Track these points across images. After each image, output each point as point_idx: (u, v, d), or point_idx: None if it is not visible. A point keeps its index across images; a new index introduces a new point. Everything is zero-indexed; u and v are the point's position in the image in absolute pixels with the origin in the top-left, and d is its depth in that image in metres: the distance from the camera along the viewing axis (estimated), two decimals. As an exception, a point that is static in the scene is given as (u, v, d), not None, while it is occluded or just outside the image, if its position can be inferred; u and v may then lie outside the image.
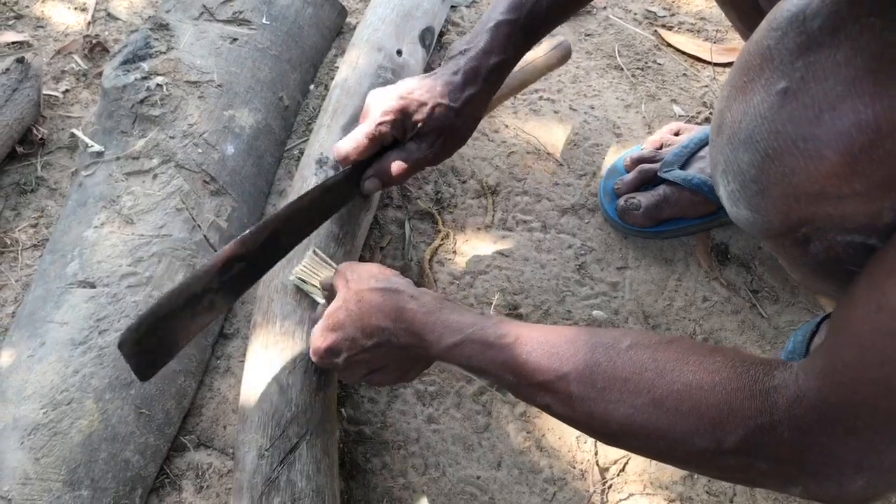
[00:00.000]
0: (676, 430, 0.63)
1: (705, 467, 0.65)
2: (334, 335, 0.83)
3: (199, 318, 0.86)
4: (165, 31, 1.22)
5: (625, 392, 0.65)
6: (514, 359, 0.72)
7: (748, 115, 0.52)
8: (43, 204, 1.20)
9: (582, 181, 1.25)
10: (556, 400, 0.70)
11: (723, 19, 1.49)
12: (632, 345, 0.67)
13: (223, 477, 0.96)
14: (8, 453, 0.87)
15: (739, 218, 0.57)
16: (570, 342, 0.70)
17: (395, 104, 0.95)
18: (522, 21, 0.95)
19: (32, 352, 0.95)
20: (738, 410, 0.60)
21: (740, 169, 0.54)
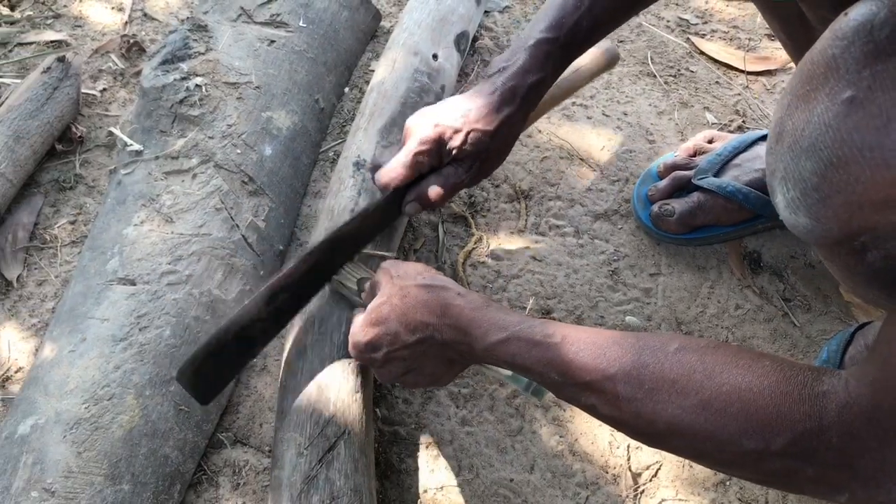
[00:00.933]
0: (724, 432, 0.63)
1: (751, 471, 0.65)
2: (376, 329, 0.84)
3: (251, 347, 0.92)
4: (204, 32, 1.24)
5: (673, 393, 0.66)
6: (560, 358, 0.72)
7: (811, 123, 0.52)
8: (81, 201, 1.22)
9: (615, 187, 1.25)
10: (601, 400, 0.70)
11: (756, 28, 1.49)
12: (679, 348, 0.68)
13: (259, 474, 0.97)
14: (51, 446, 0.88)
15: (797, 225, 0.57)
16: (616, 343, 0.70)
17: (431, 133, 0.96)
18: (563, 40, 0.95)
19: (74, 347, 0.96)
20: (786, 414, 0.61)
21: (801, 176, 0.54)
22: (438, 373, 0.86)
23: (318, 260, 0.94)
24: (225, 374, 0.92)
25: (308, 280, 0.94)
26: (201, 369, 0.87)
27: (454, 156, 0.97)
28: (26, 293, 1.12)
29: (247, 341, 0.90)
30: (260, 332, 0.91)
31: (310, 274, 0.93)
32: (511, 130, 0.99)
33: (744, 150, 1.17)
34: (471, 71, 1.40)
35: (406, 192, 1.00)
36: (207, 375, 0.88)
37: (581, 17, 0.94)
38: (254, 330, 0.90)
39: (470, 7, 1.35)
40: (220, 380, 0.92)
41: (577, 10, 0.94)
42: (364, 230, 1.00)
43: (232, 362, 0.91)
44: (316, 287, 0.96)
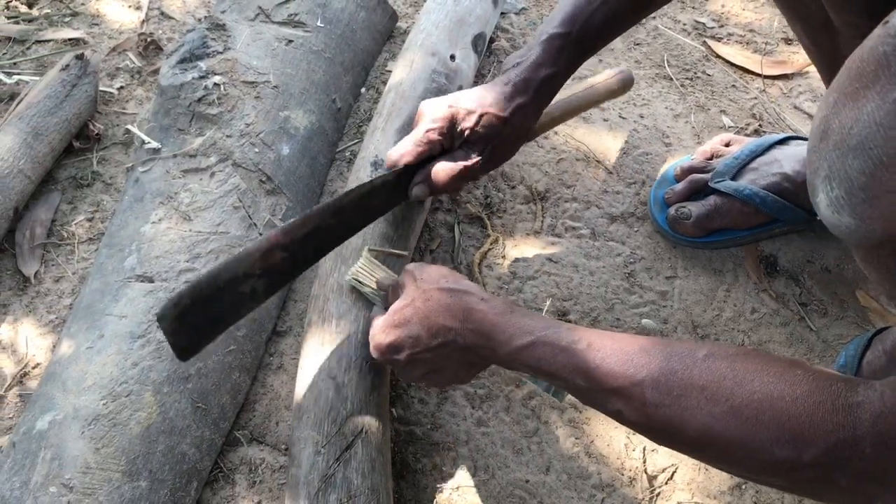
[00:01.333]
0: (756, 440, 0.62)
1: (784, 479, 0.64)
2: (398, 332, 0.84)
3: (239, 304, 0.86)
4: (222, 32, 1.24)
5: (702, 400, 0.65)
6: (586, 363, 0.72)
7: (860, 121, 0.52)
8: (98, 198, 1.22)
9: (631, 189, 1.25)
10: (629, 406, 0.69)
11: (772, 32, 1.49)
12: (708, 354, 0.67)
13: (275, 472, 0.97)
14: (69, 442, 0.89)
15: (839, 225, 0.56)
16: (644, 350, 0.70)
17: (444, 112, 0.97)
18: (575, 35, 0.95)
19: (91, 343, 0.97)
20: (819, 423, 0.60)
21: (848, 175, 0.53)
22: (460, 374, 0.86)
23: (318, 225, 0.90)
24: (209, 329, 0.85)
25: (307, 244, 0.90)
26: (186, 315, 0.81)
27: (466, 137, 0.97)
28: (44, 289, 1.13)
29: (237, 296, 0.85)
30: (251, 289, 0.86)
31: (309, 238, 0.90)
32: (524, 121, 0.99)
33: (761, 153, 1.17)
34: (487, 72, 1.40)
35: (414, 174, 1.00)
36: (191, 324, 0.82)
37: (594, 12, 0.95)
38: (245, 285, 0.85)
39: (487, 8, 1.35)
40: (205, 333, 0.84)
41: (590, 5, 0.94)
42: (368, 203, 0.97)
43: (217, 317, 0.85)
44: (315, 254, 0.93)
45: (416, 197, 1.01)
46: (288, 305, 1.12)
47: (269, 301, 1.05)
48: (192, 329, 0.83)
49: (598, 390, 0.72)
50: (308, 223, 0.90)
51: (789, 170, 1.13)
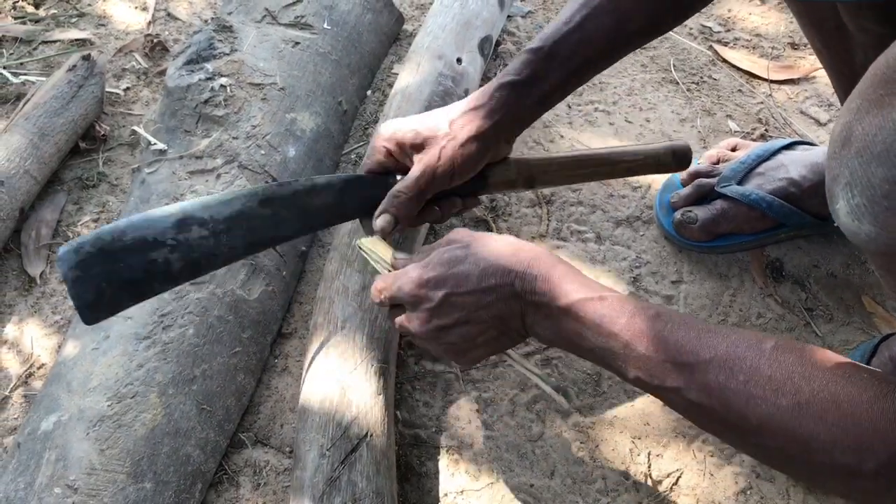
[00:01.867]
0: (818, 440, 0.61)
1: (839, 485, 0.63)
2: (443, 268, 0.79)
3: (152, 274, 0.82)
4: (229, 33, 1.24)
5: (769, 390, 0.63)
6: (653, 330, 0.69)
7: (885, 128, 0.51)
8: (104, 199, 1.23)
9: (637, 193, 1.25)
10: (690, 385, 0.67)
11: (779, 36, 1.48)
12: (776, 346, 0.65)
13: (280, 475, 0.97)
14: (74, 443, 0.89)
15: (859, 233, 0.55)
16: (711, 331, 0.68)
17: (387, 133, 0.94)
18: (547, 50, 0.93)
19: (97, 344, 0.97)
20: (883, 433, 0.58)
21: (871, 183, 0.52)
22: (484, 338, 0.81)
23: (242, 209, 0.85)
24: (118, 292, 0.80)
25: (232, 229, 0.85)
26: (88, 265, 0.76)
27: (410, 142, 0.93)
28: (49, 290, 1.13)
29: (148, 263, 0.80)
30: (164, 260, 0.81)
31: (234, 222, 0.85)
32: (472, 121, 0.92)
33: (767, 158, 1.17)
34: (493, 75, 1.40)
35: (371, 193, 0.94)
36: (94, 279, 0.77)
37: (570, 32, 0.92)
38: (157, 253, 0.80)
39: (494, 12, 1.35)
40: (111, 296, 0.79)
41: (566, 25, 0.92)
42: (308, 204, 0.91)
43: (128, 279, 0.79)
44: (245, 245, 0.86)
45: (378, 227, 0.92)
46: (293, 307, 1.12)
47: (274, 303, 1.06)
48: (96, 284, 0.78)
49: (660, 361, 0.69)
50: (232, 203, 0.85)
51: (796, 175, 1.13)
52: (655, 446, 1.01)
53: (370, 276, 0.95)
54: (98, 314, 0.80)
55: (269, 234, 0.88)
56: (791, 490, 0.97)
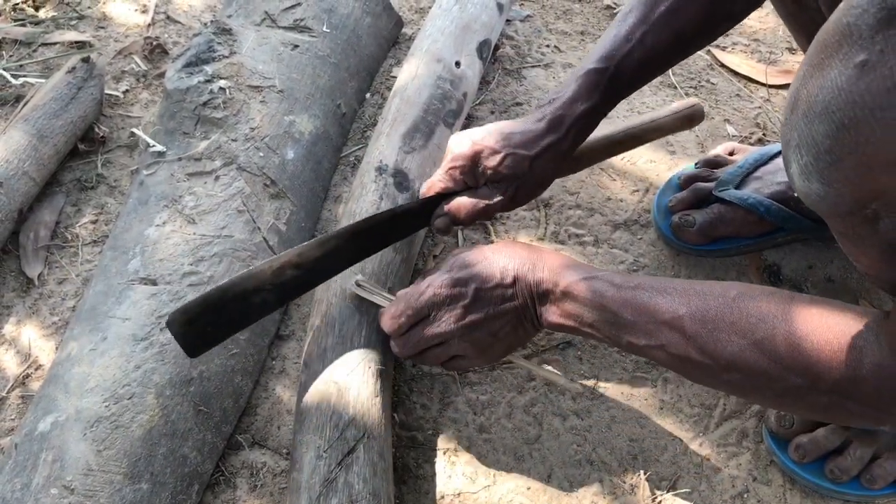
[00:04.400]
0: (774, 369, 0.73)
1: (800, 403, 0.75)
2: (464, 271, 0.89)
3: (249, 312, 0.93)
4: (228, 36, 1.25)
5: (731, 333, 0.75)
6: (636, 299, 0.82)
7: (825, 88, 0.54)
8: (103, 201, 1.23)
9: (635, 197, 1.25)
10: (671, 338, 0.79)
11: (777, 41, 1.49)
12: (738, 294, 0.76)
13: (277, 476, 0.97)
14: (71, 444, 0.88)
15: (810, 193, 0.59)
16: (684, 290, 0.80)
17: (468, 150, 0.98)
18: (612, 71, 0.96)
19: (94, 346, 0.97)
20: (826, 361, 0.69)
21: (814, 141, 0.56)
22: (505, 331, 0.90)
23: (336, 246, 0.95)
24: (216, 334, 0.92)
25: (322, 265, 0.95)
26: (194, 322, 0.89)
27: (489, 177, 0.98)
28: (47, 291, 1.13)
29: (245, 306, 0.92)
30: (261, 301, 0.92)
31: (325, 259, 0.95)
32: (554, 159, 0.99)
33: (765, 162, 1.17)
34: (492, 79, 1.40)
35: (438, 202, 1.02)
36: (199, 329, 0.90)
37: (632, 50, 0.95)
38: (255, 297, 0.92)
39: (493, 15, 1.36)
40: (210, 337, 0.92)
41: (627, 42, 0.95)
42: (388, 229, 1.00)
43: (225, 323, 0.92)
44: (327, 273, 0.97)
45: (437, 228, 1.03)
46: (291, 310, 1.12)
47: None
48: (200, 332, 0.90)
49: (644, 323, 0.81)
50: (324, 246, 0.95)
51: (793, 179, 1.13)
52: (652, 450, 1.01)
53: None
54: (201, 350, 0.92)
55: (350, 260, 0.99)
56: (788, 494, 0.98)
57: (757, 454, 1.01)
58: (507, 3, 1.42)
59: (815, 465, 0.97)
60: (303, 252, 0.93)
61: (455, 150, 1.00)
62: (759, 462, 1.00)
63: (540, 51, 1.47)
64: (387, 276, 1.02)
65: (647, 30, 0.95)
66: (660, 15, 0.94)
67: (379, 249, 1.01)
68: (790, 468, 0.98)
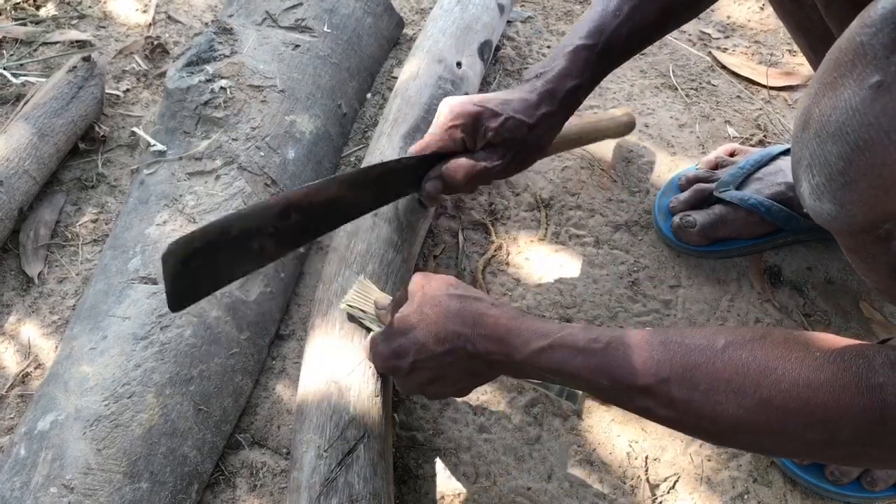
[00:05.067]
0: (787, 428, 0.65)
1: (818, 457, 0.70)
2: (402, 338, 0.83)
3: (244, 261, 0.87)
4: (229, 36, 1.24)
5: (729, 393, 0.66)
6: (608, 364, 0.72)
7: (838, 108, 0.53)
8: (103, 200, 1.23)
9: (635, 198, 1.25)
10: (657, 404, 0.70)
11: (778, 43, 1.49)
12: (727, 344, 0.68)
13: (277, 476, 0.97)
14: (71, 443, 0.88)
15: (822, 213, 0.58)
16: (663, 345, 0.71)
17: (469, 109, 0.96)
18: (601, 47, 0.95)
19: (94, 345, 0.97)
20: (846, 408, 0.62)
21: (827, 161, 0.54)
22: (464, 384, 0.85)
23: (336, 194, 0.91)
24: (212, 279, 0.85)
25: (323, 210, 0.91)
26: (191, 260, 0.80)
27: (489, 139, 0.96)
28: (47, 290, 1.13)
29: (244, 251, 0.85)
30: (259, 247, 0.86)
31: (325, 205, 0.90)
32: (548, 131, 0.99)
33: (766, 163, 1.17)
34: (493, 80, 1.40)
35: (432, 166, 0.99)
36: (193, 271, 0.81)
37: (620, 25, 0.94)
38: (255, 241, 0.85)
39: (494, 16, 1.36)
40: (205, 284, 0.85)
41: (615, 18, 0.94)
42: (385, 182, 0.97)
43: (221, 268, 0.85)
44: (326, 224, 0.93)
45: (427, 192, 1.00)
46: (291, 309, 1.12)
47: (272, 304, 1.06)
48: (192, 276, 0.82)
49: (624, 389, 0.72)
50: (327, 190, 0.90)
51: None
52: (653, 450, 1.01)
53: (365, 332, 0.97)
54: (184, 302, 0.84)
55: (348, 213, 0.95)
56: (788, 495, 0.97)
57: (757, 455, 1.01)
58: (509, 5, 1.42)
59: (816, 467, 0.97)
60: (307, 193, 0.88)
61: (456, 110, 0.97)
62: (760, 463, 1.00)
63: (541, 52, 1.47)
64: (387, 276, 1.02)
65: (635, 4, 0.94)
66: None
67: (376, 207, 0.99)
68: (791, 470, 0.98)
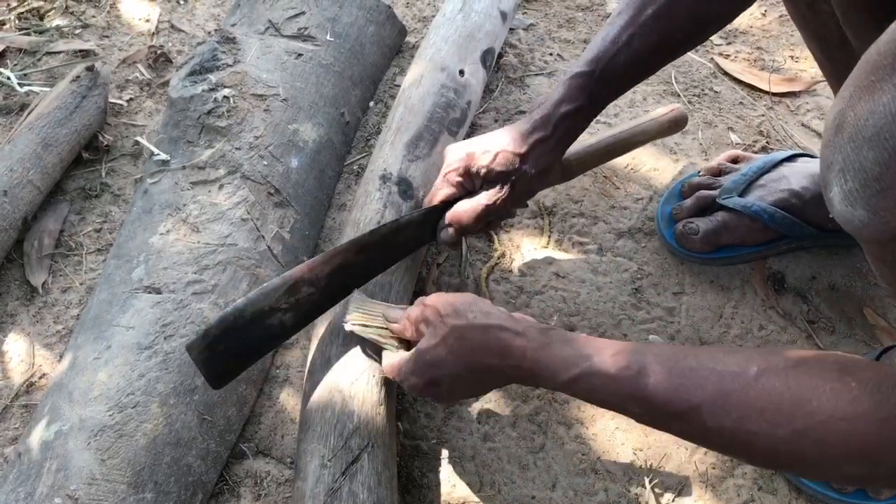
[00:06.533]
0: (825, 460, 0.63)
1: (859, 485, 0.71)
2: (435, 371, 0.84)
3: (269, 337, 0.92)
4: (232, 45, 1.25)
5: (763, 423, 0.65)
6: (640, 392, 0.72)
7: (876, 112, 0.52)
8: (107, 209, 1.23)
9: (638, 205, 1.25)
10: (689, 429, 0.70)
11: (780, 49, 1.49)
12: (760, 372, 0.66)
13: (281, 485, 0.97)
14: (75, 453, 0.88)
15: (853, 219, 0.57)
16: (694, 371, 0.70)
17: (461, 154, 1.01)
18: (598, 73, 0.96)
19: (98, 354, 0.97)
20: (886, 440, 0.60)
21: (862, 167, 0.53)
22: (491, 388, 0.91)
23: (343, 262, 0.94)
24: (238, 361, 0.91)
25: (333, 281, 0.94)
26: (214, 346, 0.87)
27: (483, 176, 0.99)
28: (51, 300, 1.13)
29: (265, 328, 0.90)
30: (279, 322, 0.91)
31: (335, 275, 0.94)
32: (542, 156, 1.00)
33: (769, 170, 1.17)
34: (495, 87, 1.40)
35: (442, 212, 1.03)
36: (220, 356, 0.88)
37: (618, 52, 0.94)
38: (273, 318, 0.90)
39: (496, 24, 1.36)
40: (233, 365, 0.91)
41: (613, 46, 0.94)
42: (394, 241, 1.00)
43: (245, 349, 0.90)
44: (342, 291, 0.96)
45: (443, 240, 1.03)
46: (295, 318, 1.12)
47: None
48: (222, 358, 0.89)
49: (656, 416, 0.72)
50: (333, 260, 0.94)
51: (797, 186, 1.13)
52: (657, 458, 1.01)
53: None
54: (224, 381, 0.91)
55: (362, 276, 0.99)
56: (793, 503, 0.97)
57: (762, 463, 1.01)
58: (511, 12, 1.42)
59: None
60: (313, 266, 0.92)
61: (451, 156, 1.02)
62: (765, 471, 1.00)
63: (543, 59, 1.47)
64: (391, 285, 1.02)
65: (634, 32, 0.94)
66: (647, 18, 0.93)
67: (390, 264, 1.01)
68: (795, 478, 0.98)
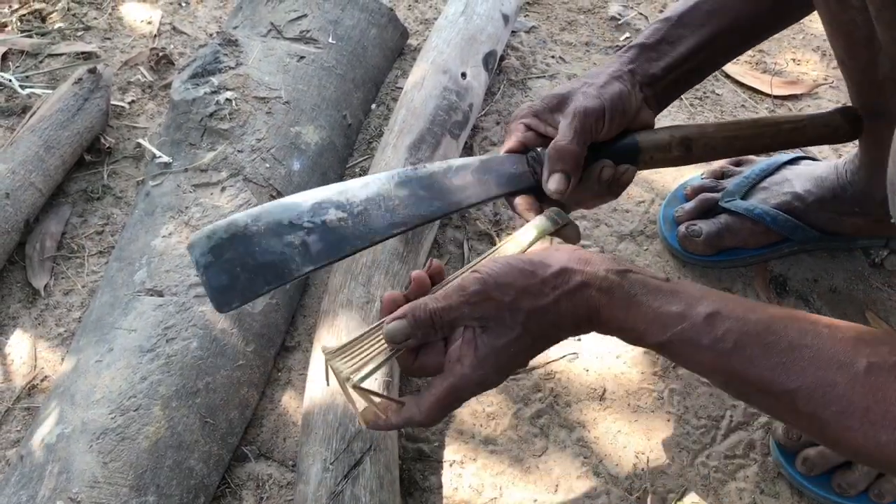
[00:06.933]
0: None
1: None
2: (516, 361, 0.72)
3: (288, 258, 0.75)
4: (234, 47, 1.25)
5: (865, 423, 0.59)
6: (731, 366, 0.65)
7: None
8: (109, 211, 1.23)
9: (640, 208, 1.25)
10: (778, 409, 0.65)
11: (782, 51, 1.49)
12: (870, 367, 0.60)
13: (283, 489, 0.97)
14: (77, 456, 0.88)
15: None
16: (795, 349, 0.63)
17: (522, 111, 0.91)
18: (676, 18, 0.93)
19: (100, 357, 0.97)
20: None
21: None
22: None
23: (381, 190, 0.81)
24: (248, 279, 0.73)
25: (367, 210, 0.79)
26: (220, 251, 0.72)
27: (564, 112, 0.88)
28: (53, 302, 1.13)
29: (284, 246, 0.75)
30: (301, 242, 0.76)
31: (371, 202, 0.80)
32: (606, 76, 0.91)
33: (771, 173, 1.17)
34: (497, 90, 1.41)
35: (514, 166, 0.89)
36: (225, 264, 0.73)
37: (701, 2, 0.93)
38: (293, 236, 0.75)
39: (498, 27, 1.36)
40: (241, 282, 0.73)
41: None
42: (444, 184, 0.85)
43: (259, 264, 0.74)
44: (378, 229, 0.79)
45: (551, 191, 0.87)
46: (297, 321, 1.12)
47: (278, 316, 1.06)
48: (228, 269, 0.73)
49: (744, 391, 0.67)
50: (370, 186, 0.81)
51: (800, 189, 1.13)
52: (659, 462, 1.01)
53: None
54: (231, 300, 0.73)
55: (408, 212, 0.82)
56: (796, 506, 0.97)
57: (764, 466, 1.01)
58: (513, 15, 1.42)
59: (823, 478, 0.97)
60: (343, 190, 0.79)
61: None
62: (767, 474, 1.00)
63: (545, 62, 1.47)
64: (393, 287, 1.02)
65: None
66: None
67: (435, 213, 0.84)
68: (798, 481, 0.98)
